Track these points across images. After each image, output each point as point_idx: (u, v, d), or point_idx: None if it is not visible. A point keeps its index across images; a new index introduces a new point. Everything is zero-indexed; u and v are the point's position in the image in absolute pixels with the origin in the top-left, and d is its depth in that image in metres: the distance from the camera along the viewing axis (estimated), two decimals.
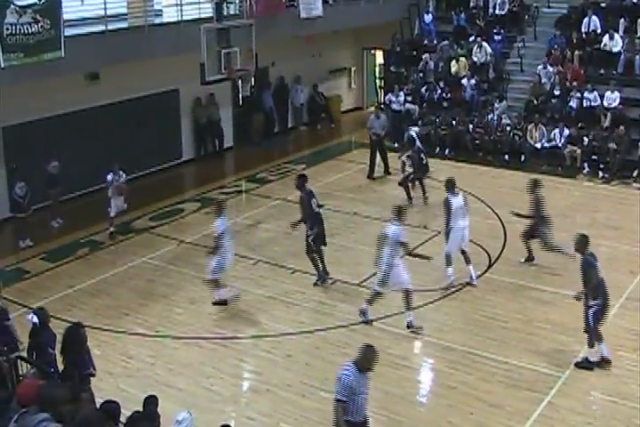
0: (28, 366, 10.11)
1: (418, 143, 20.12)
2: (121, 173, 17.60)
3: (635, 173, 21.04)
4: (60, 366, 10.09)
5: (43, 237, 17.38)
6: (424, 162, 19.85)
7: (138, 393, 10.50)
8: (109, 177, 17.41)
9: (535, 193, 15.40)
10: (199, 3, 19.41)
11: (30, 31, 14.99)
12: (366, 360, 8.74)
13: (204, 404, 11.26)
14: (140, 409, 8.54)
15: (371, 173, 21.81)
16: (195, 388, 11.75)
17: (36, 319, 10.48)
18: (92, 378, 10.27)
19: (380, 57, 28.75)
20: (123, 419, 8.04)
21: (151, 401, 8.67)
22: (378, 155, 21.97)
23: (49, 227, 17.95)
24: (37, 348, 10.26)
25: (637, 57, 23.09)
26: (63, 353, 9.94)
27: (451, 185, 15.04)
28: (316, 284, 15.04)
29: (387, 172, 21.92)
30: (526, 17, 26.28)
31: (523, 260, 15.88)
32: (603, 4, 24.84)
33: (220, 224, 13.98)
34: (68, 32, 16.08)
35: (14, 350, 10.81)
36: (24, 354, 10.48)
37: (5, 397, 7.44)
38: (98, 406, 8.36)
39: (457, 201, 14.90)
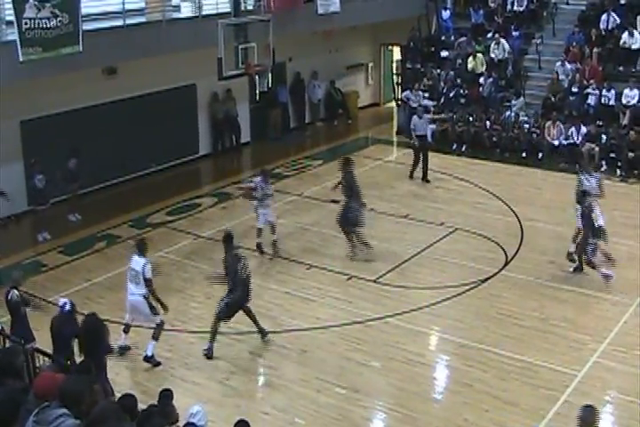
0: (45, 358, 10.16)
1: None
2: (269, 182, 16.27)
3: None
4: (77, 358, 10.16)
5: (60, 231, 17.44)
6: None
7: (153, 387, 10.54)
8: (257, 179, 16.08)
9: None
10: None
11: (49, 26, 15.00)
12: (591, 424, 8.11)
13: (219, 398, 11.30)
14: (156, 403, 8.55)
15: (411, 175, 20.96)
16: (210, 382, 11.79)
17: (68, 306, 10.53)
18: (107, 372, 10.32)
19: (397, 53, 28.66)
20: None
21: (166, 395, 8.67)
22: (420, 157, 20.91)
23: (67, 221, 18.00)
24: (61, 340, 10.30)
25: None
26: (81, 343, 10.00)
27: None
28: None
29: (424, 179, 20.73)
30: (545, 13, 26.15)
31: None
32: (622, 1, 24.65)
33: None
34: (87, 26, 16.12)
35: (30, 340, 10.89)
36: (39, 346, 10.54)
37: (21, 388, 7.46)
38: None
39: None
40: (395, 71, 28.23)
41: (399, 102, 26.23)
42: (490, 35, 25.75)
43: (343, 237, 16.94)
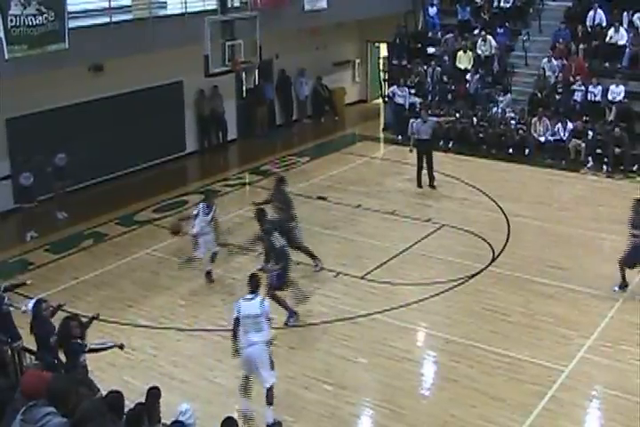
0: (31, 356, 10.16)
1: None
2: (214, 205, 14.98)
3: (635, 167, 20.98)
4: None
5: (47, 229, 17.38)
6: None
7: (141, 385, 10.51)
8: (199, 207, 14.91)
9: None
10: None
11: (34, 23, 14.96)
12: None
13: (206, 396, 11.28)
14: (143, 401, 8.54)
15: (419, 184, 20.00)
16: (198, 380, 11.77)
17: (30, 305, 10.54)
18: (94, 370, 10.31)
19: (384, 50, 28.68)
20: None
21: (154, 393, 8.67)
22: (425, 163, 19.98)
23: (54, 218, 17.93)
24: (40, 340, 10.29)
25: None
26: (59, 345, 10.02)
27: None
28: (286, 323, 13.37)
29: (431, 185, 19.93)
30: (531, 10, 26.20)
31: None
32: None
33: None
34: (73, 24, 16.06)
35: (17, 339, 10.87)
36: (27, 345, 10.52)
37: (8, 386, 7.45)
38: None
39: None
40: (382, 68, 28.25)
41: (386, 99, 26.24)
42: (476, 31, 25.77)
43: (330, 234, 17.01)
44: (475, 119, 23.46)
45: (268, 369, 10.50)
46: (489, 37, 24.93)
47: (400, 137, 23.93)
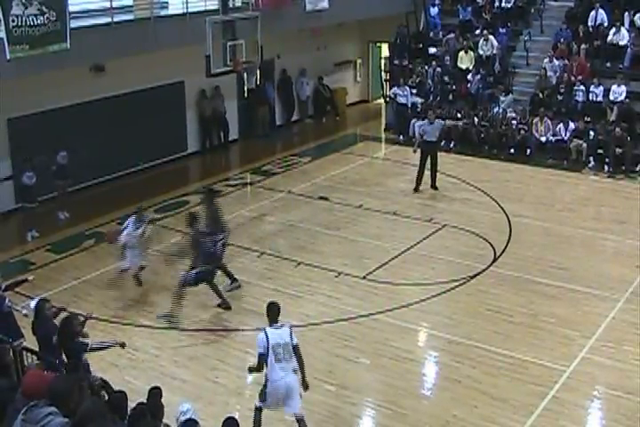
0: (33, 356, 10.15)
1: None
2: (146, 217, 15.06)
3: (637, 168, 20.96)
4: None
5: (48, 229, 17.37)
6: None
7: (143, 385, 10.52)
8: (128, 221, 14.67)
9: None
10: None
11: (36, 23, 14.94)
12: None
13: (208, 396, 11.28)
14: (145, 401, 8.54)
15: (417, 186, 19.71)
16: (199, 380, 11.77)
17: (33, 304, 10.55)
18: (96, 370, 10.31)
19: (385, 50, 28.68)
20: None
21: (155, 393, 8.68)
22: (429, 164, 19.67)
23: (55, 218, 17.93)
24: (42, 340, 10.30)
25: None
26: (59, 343, 10.03)
27: None
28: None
29: (433, 186, 19.76)
30: (532, 10, 26.20)
31: None
32: None
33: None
34: (74, 24, 16.05)
35: (18, 336, 10.88)
36: (28, 345, 10.53)
37: (9, 386, 7.44)
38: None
39: None
40: (383, 68, 28.24)
41: (387, 99, 26.25)
42: (478, 31, 25.76)
43: (332, 235, 16.99)
44: (476, 119, 23.43)
45: (298, 396, 10.03)
46: (490, 37, 24.90)
47: (402, 137, 23.95)
